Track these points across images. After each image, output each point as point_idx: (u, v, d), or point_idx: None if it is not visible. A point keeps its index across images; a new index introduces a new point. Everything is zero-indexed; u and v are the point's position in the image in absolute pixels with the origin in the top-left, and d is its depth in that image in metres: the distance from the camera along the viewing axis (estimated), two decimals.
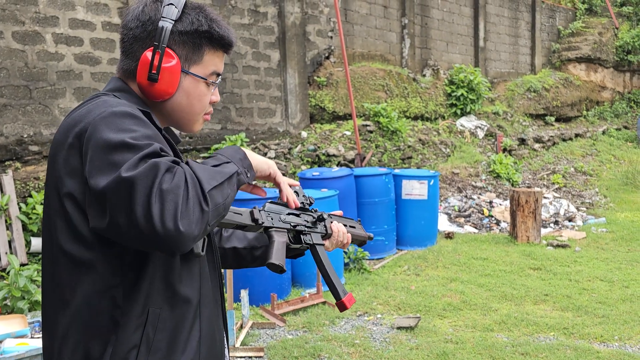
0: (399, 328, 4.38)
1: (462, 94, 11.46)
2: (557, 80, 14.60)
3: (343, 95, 9.53)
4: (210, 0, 7.83)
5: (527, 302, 4.97)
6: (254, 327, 4.46)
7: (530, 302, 4.97)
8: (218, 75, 1.37)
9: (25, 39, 6.13)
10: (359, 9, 10.40)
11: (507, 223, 8.00)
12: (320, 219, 1.61)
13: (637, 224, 8.21)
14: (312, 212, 1.63)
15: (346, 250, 5.79)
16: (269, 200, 1.53)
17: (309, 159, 8.33)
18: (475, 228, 7.99)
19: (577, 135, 13.71)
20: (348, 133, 9.05)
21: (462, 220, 8.17)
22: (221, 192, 1.12)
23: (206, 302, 1.30)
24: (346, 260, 5.82)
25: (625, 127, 15.42)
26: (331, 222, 1.67)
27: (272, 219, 1.48)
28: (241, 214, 1.41)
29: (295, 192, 1.54)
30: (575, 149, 12.86)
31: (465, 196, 8.99)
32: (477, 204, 8.67)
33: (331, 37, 9.72)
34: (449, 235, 7.32)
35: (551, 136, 12.84)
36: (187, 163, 1.13)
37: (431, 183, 6.79)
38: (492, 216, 8.36)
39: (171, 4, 1.26)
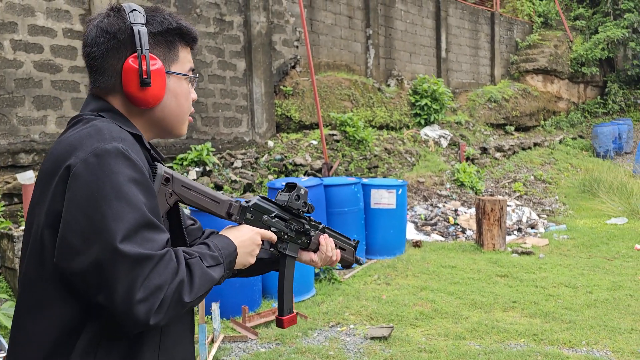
0: (372, 338, 4.36)
1: (425, 104, 11.62)
2: (516, 91, 15.00)
3: (309, 104, 9.53)
4: (175, 8, 7.72)
5: (496, 309, 5.03)
6: (225, 341, 4.36)
7: (499, 309, 5.03)
8: (193, 70, 1.37)
9: None
10: (324, 19, 10.44)
11: (473, 231, 8.12)
12: (307, 232, 1.52)
13: (596, 230, 8.46)
14: (306, 220, 1.53)
15: None
16: (260, 197, 1.43)
17: (276, 169, 8.27)
18: (442, 236, 8.07)
19: (535, 144, 14.09)
20: (315, 142, 9.04)
21: (428, 228, 8.25)
22: (200, 298, 1.20)
23: (167, 330, 1.26)
24: (316, 271, 5.78)
25: (581, 137, 15.96)
26: (322, 235, 1.58)
27: (252, 217, 1.38)
28: (218, 203, 1.33)
29: (297, 195, 1.48)
30: (535, 158, 13.21)
31: (431, 205, 9.09)
32: (442, 213, 8.77)
33: (297, 47, 9.72)
34: (416, 244, 7.37)
35: (511, 145, 13.16)
36: (187, 265, 1.17)
37: (399, 192, 6.84)
38: (457, 224, 8.47)
39: (134, 10, 1.24)
